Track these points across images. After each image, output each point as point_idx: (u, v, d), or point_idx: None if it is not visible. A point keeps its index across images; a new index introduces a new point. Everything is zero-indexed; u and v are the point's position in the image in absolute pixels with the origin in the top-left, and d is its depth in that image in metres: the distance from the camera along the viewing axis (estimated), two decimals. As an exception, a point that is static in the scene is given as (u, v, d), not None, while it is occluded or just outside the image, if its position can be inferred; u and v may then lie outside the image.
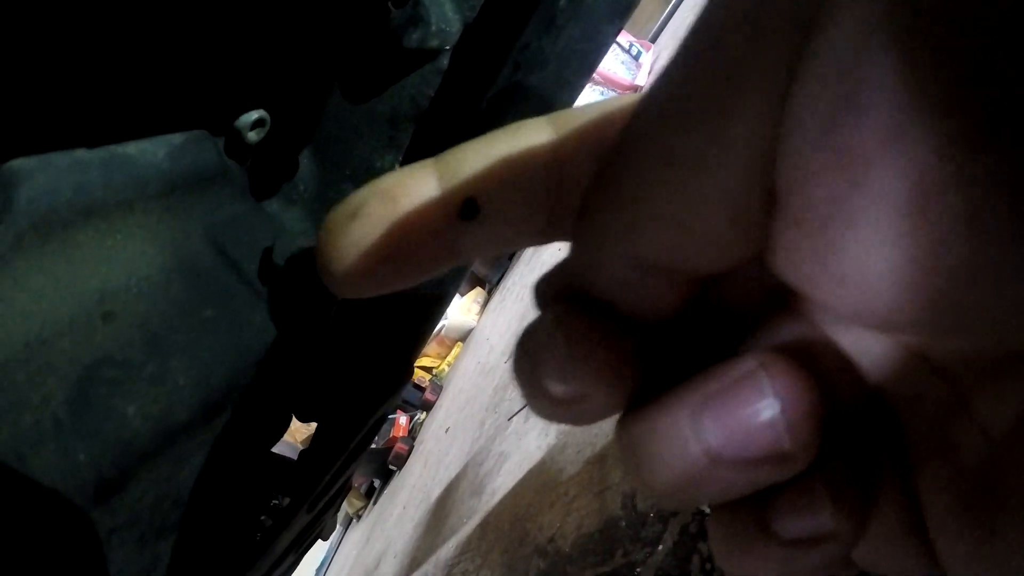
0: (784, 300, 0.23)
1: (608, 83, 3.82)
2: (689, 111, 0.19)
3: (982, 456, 0.20)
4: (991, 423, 0.20)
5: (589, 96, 3.74)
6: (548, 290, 0.26)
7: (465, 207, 0.23)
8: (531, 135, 0.24)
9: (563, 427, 1.75)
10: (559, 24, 0.65)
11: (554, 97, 0.69)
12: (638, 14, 4.63)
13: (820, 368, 0.22)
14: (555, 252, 3.41)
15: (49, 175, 0.44)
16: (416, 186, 0.23)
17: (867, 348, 0.23)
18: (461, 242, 0.23)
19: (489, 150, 0.24)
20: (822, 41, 0.17)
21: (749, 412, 0.20)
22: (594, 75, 2.85)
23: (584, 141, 0.24)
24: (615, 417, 0.24)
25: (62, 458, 0.39)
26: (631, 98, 0.23)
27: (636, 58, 4.11)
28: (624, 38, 4.15)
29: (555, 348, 0.22)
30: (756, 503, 0.23)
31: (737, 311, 0.24)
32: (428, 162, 0.24)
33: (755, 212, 0.20)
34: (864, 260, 0.18)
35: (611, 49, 4.02)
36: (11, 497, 0.37)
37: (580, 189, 0.23)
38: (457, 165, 0.23)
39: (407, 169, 0.24)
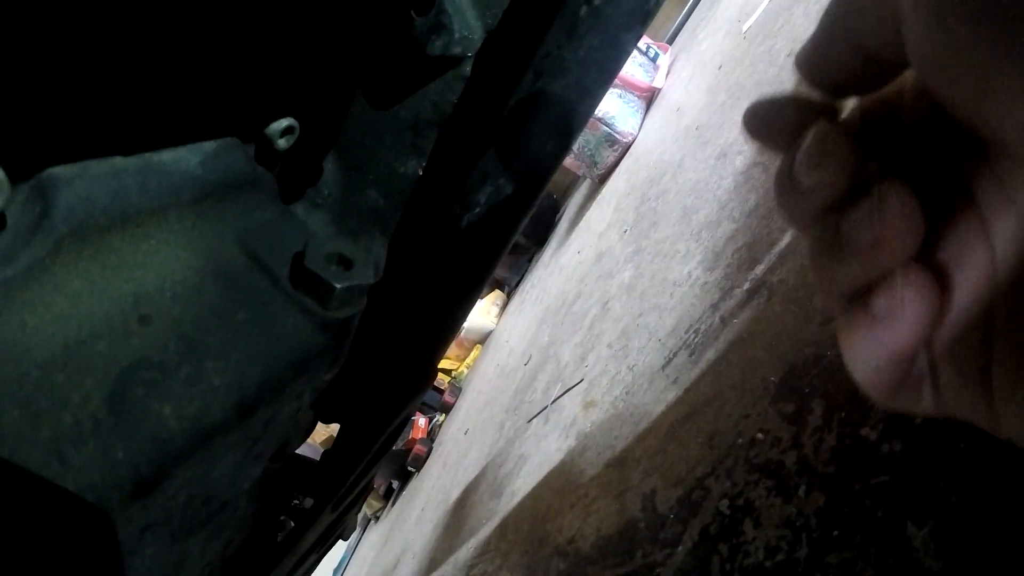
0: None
1: (626, 85, 3.82)
2: None
3: None
4: None
5: (607, 99, 3.74)
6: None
7: None
8: None
9: (583, 429, 1.76)
10: (580, 33, 0.66)
11: (575, 104, 0.70)
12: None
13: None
14: (574, 255, 3.41)
15: (86, 182, 0.45)
16: None
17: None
18: None
19: None
20: None
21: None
22: (612, 78, 2.82)
23: None
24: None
25: (101, 456, 0.40)
26: None
27: (654, 60, 4.11)
28: (641, 40, 4.14)
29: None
30: None
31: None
32: None
33: None
34: None
35: (629, 52, 4.00)
36: (52, 493, 0.38)
37: None
38: None
39: None
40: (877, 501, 0.81)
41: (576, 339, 2.37)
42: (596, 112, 3.34)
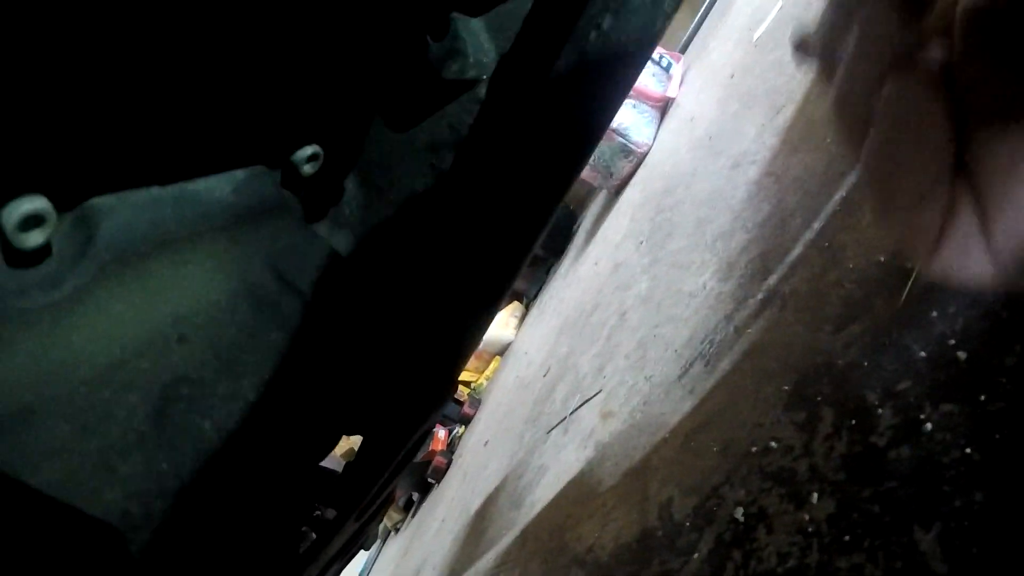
0: None
1: (640, 96, 3.84)
2: None
3: None
4: None
5: (621, 110, 3.76)
6: None
7: None
8: None
9: (601, 439, 1.78)
10: (590, 56, 0.69)
11: (587, 124, 0.73)
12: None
13: None
14: (591, 266, 3.43)
15: (127, 212, 0.48)
16: None
17: None
18: None
19: None
20: None
21: None
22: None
23: None
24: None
25: (147, 467, 0.43)
26: None
27: (667, 70, 4.13)
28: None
29: None
30: None
31: None
32: None
33: None
34: None
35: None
36: (102, 499, 0.41)
37: None
38: None
39: None
40: (885, 507, 0.82)
41: (594, 350, 2.39)
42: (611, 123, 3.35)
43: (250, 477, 0.52)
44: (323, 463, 0.87)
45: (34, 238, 0.42)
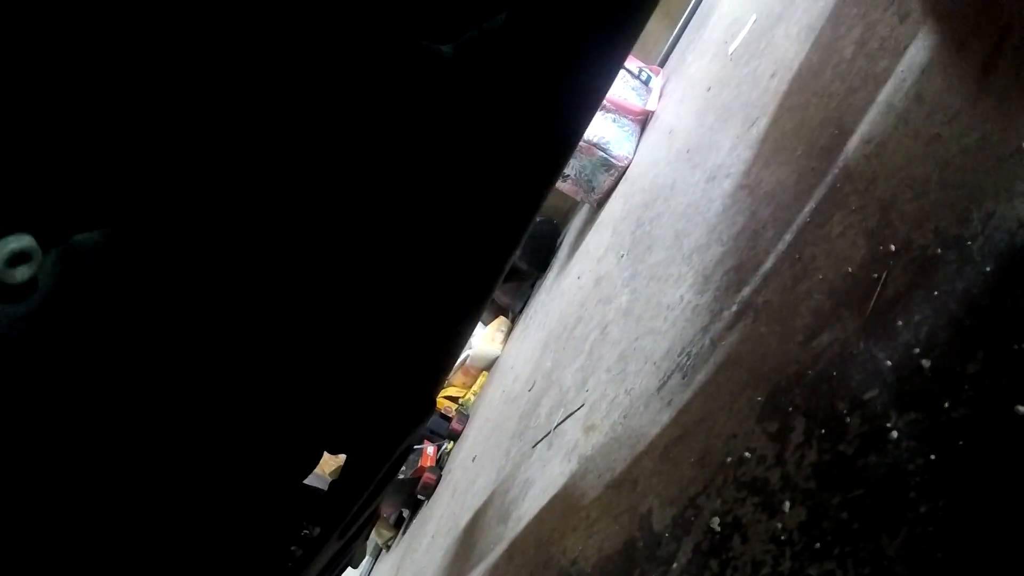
0: None
1: (620, 109, 3.86)
2: None
3: None
4: None
5: (602, 124, 3.79)
6: None
7: None
8: None
9: (584, 453, 1.79)
10: None
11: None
12: (646, 39, 4.67)
13: None
14: (575, 280, 3.46)
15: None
16: None
17: None
18: None
19: None
20: None
21: None
22: (606, 103, 2.88)
23: None
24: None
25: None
26: None
27: (646, 83, 4.15)
28: (633, 64, 4.19)
29: None
30: None
31: None
32: None
33: None
34: None
35: (621, 76, 4.01)
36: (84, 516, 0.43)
37: None
38: None
39: None
40: (854, 514, 0.85)
41: (577, 364, 2.41)
42: (592, 137, 3.36)
43: (221, 500, 0.54)
44: (315, 483, 0.88)
45: None
